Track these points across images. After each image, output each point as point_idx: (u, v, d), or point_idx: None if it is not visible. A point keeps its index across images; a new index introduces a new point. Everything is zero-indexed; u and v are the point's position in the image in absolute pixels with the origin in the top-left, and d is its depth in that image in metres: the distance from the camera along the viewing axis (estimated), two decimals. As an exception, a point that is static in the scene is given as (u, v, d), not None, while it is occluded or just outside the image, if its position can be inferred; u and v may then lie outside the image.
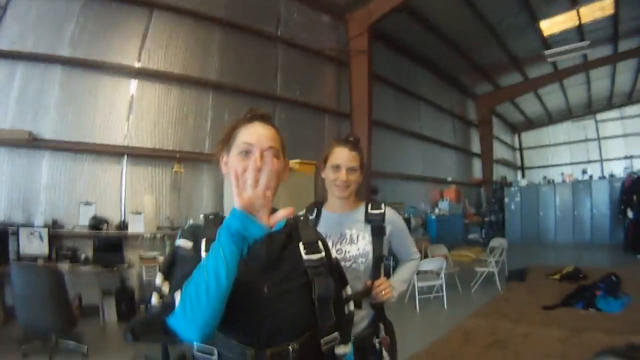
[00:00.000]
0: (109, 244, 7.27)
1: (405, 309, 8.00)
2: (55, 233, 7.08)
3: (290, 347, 1.37)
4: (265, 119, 1.57)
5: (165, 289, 1.35)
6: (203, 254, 1.37)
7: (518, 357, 5.27)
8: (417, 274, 7.85)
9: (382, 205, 2.47)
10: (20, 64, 7.27)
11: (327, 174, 2.42)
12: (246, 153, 1.43)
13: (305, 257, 1.50)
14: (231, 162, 1.49)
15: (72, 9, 7.74)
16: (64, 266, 6.53)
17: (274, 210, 1.39)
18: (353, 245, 2.37)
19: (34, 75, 7.35)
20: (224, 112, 9.30)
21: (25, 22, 7.36)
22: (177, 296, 1.25)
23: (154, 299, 1.35)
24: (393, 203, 13.25)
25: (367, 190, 11.17)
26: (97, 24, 7.96)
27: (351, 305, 1.65)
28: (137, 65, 8.35)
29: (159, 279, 1.39)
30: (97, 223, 7.43)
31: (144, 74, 8.42)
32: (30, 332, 5.64)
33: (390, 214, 2.48)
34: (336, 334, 1.50)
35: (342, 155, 2.38)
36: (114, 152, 7.97)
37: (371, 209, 2.45)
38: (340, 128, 12.04)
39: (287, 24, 11.01)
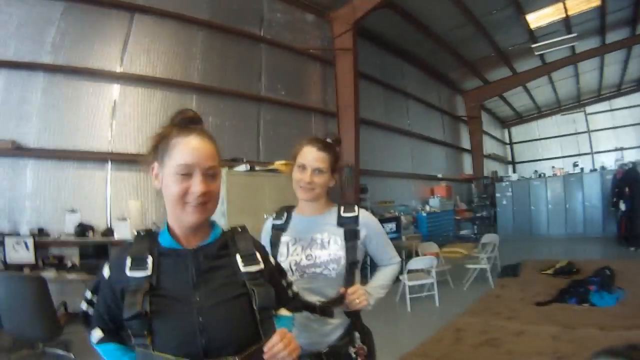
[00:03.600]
0: (95, 250, 7.19)
1: (396, 308, 7.96)
2: (41, 241, 6.99)
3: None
4: (198, 124, 1.51)
5: (94, 299, 1.52)
6: (128, 272, 1.39)
7: (510, 356, 5.22)
8: (407, 273, 7.83)
9: (356, 208, 2.35)
10: (2, 72, 7.21)
11: (294, 174, 2.34)
12: (185, 174, 1.39)
13: (243, 269, 1.47)
14: (167, 182, 1.43)
15: (53, 15, 7.66)
16: (50, 274, 6.42)
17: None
18: (324, 250, 2.25)
19: (16, 83, 7.26)
20: (208, 115, 9.20)
21: (6, 29, 7.28)
22: (95, 335, 1.48)
23: (84, 305, 1.54)
24: (383, 201, 13.31)
25: (356, 190, 11.14)
26: (78, 30, 7.87)
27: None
28: (119, 69, 8.27)
29: (88, 293, 1.54)
30: (82, 230, 7.38)
31: (126, 79, 8.34)
32: (18, 340, 5.59)
33: (364, 216, 2.35)
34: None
35: (308, 155, 2.29)
36: (98, 158, 7.89)
37: (344, 211, 2.32)
38: (327, 127, 12.00)
39: (270, 24, 10.95)
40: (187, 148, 1.40)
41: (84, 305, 1.53)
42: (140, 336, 1.32)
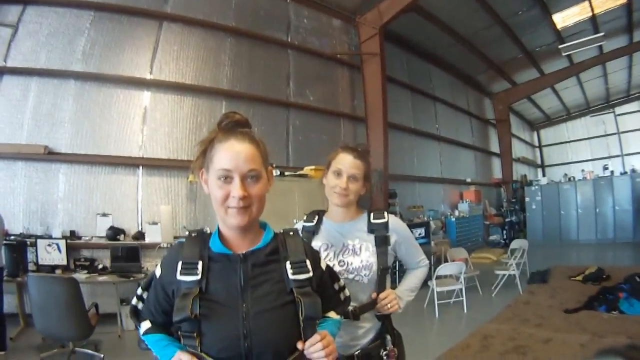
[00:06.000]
0: (126, 253, 7.30)
1: (424, 314, 7.92)
2: (73, 244, 7.20)
3: None
4: (242, 127, 1.55)
5: (144, 295, 1.62)
6: (179, 276, 1.44)
7: (538, 364, 5.15)
8: (436, 279, 7.80)
9: (385, 214, 2.38)
10: (34, 80, 7.44)
11: (328, 180, 2.36)
12: (225, 178, 1.43)
13: (292, 276, 1.49)
14: (211, 185, 1.48)
15: (82, 24, 7.90)
16: (81, 276, 6.61)
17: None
18: (356, 256, 2.29)
19: (47, 91, 7.52)
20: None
21: (37, 38, 7.53)
22: (144, 326, 1.57)
23: (134, 301, 1.63)
24: (412, 206, 13.24)
25: (385, 195, 11.10)
26: (108, 38, 8.10)
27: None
28: (149, 77, 8.44)
29: (140, 290, 1.63)
30: (114, 233, 7.55)
31: (156, 86, 8.51)
32: (48, 339, 5.81)
33: (393, 222, 2.39)
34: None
35: (344, 161, 2.31)
36: (129, 163, 8.08)
37: (374, 218, 2.36)
38: (356, 132, 12.02)
39: (297, 30, 11.04)
40: (226, 153, 1.44)
41: (134, 301, 1.62)
42: (190, 337, 1.39)
